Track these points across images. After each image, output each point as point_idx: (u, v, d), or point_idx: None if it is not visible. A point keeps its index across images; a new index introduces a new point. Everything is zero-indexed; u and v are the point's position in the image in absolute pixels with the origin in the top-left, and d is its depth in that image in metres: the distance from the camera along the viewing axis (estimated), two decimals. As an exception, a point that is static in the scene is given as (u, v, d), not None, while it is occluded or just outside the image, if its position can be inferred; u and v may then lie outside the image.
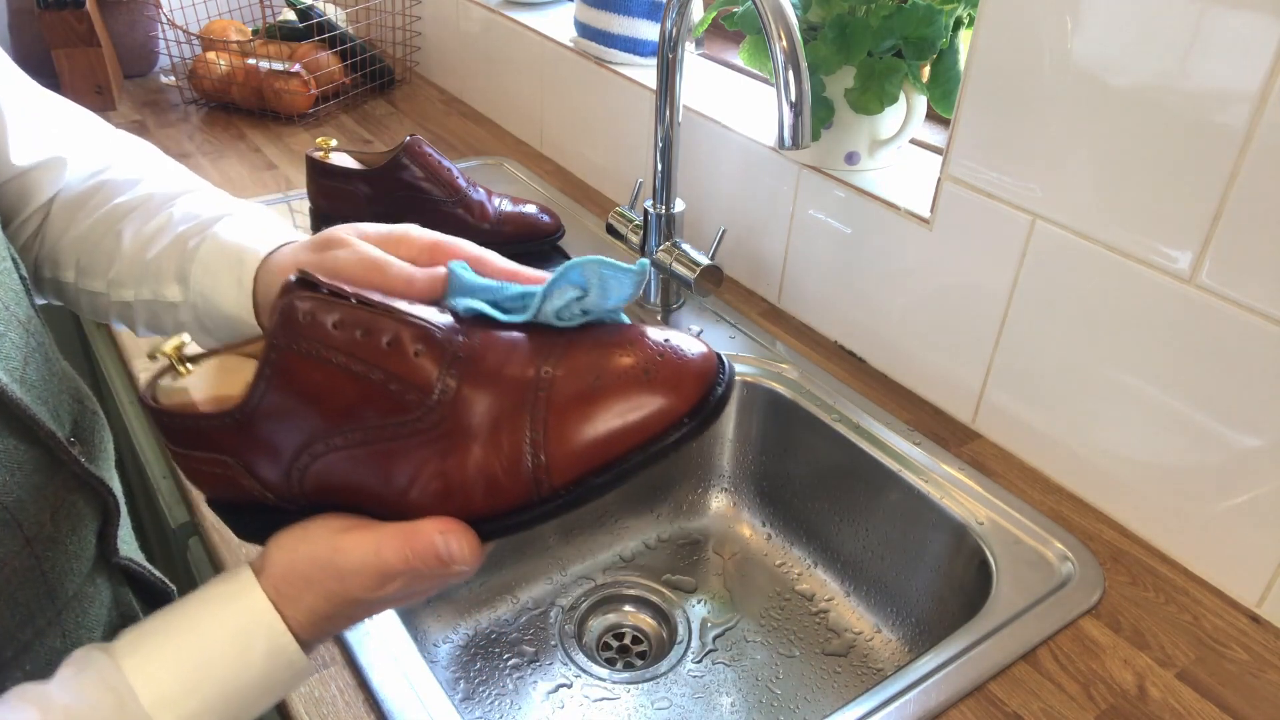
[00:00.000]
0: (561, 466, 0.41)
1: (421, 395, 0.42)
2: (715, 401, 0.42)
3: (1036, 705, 0.64)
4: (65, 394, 0.55)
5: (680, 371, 0.42)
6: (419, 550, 0.42)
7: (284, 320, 0.42)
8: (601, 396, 0.42)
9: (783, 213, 1.01)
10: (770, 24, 0.72)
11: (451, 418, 0.42)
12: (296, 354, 0.42)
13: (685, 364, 0.42)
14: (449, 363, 0.43)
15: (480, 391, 0.43)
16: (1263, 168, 0.62)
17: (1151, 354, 0.72)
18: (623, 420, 0.41)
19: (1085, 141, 0.72)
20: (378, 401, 0.42)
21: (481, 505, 0.42)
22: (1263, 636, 0.69)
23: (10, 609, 0.49)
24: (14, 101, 0.59)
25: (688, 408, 0.41)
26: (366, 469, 0.43)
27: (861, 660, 0.85)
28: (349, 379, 0.42)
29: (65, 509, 0.52)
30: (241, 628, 0.43)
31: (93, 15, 1.44)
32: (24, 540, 0.49)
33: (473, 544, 0.42)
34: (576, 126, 1.33)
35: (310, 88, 1.47)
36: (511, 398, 0.42)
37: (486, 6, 1.45)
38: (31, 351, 0.52)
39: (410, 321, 0.43)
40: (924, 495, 0.81)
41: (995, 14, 0.75)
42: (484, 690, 0.81)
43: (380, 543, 0.42)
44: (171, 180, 0.62)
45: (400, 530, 0.42)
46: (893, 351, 0.94)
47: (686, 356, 0.42)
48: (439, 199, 1.10)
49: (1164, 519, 0.75)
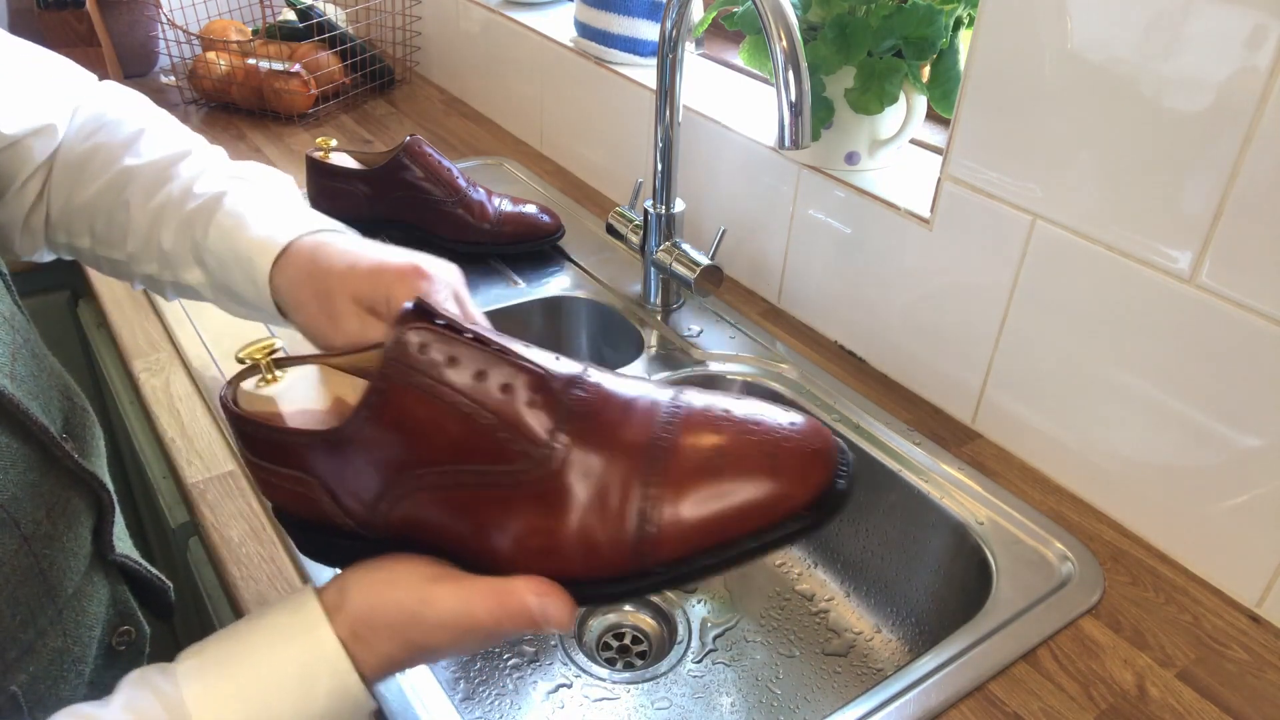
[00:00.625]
0: (670, 543, 0.39)
1: (531, 447, 0.40)
2: (838, 496, 0.40)
3: (1036, 705, 0.64)
4: (54, 390, 0.54)
5: (806, 460, 0.40)
6: (512, 611, 0.40)
7: (397, 351, 0.41)
8: (722, 476, 0.39)
9: (783, 213, 1.01)
10: (770, 24, 0.72)
11: (559, 475, 0.40)
12: (406, 386, 0.40)
13: (811, 452, 0.40)
14: (563, 417, 0.41)
15: (592, 452, 0.41)
16: (1263, 168, 0.62)
17: (1151, 354, 0.72)
18: (741, 504, 0.39)
19: (1085, 141, 0.72)
20: (483, 447, 0.40)
21: (579, 569, 0.40)
22: (1263, 636, 0.69)
23: (12, 609, 0.49)
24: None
25: (810, 499, 0.39)
26: (461, 514, 0.41)
27: (861, 660, 0.85)
28: (456, 419, 0.40)
29: (61, 506, 0.52)
30: (308, 666, 0.42)
31: (93, 15, 1.44)
32: (22, 538, 0.49)
33: (569, 609, 0.41)
34: (576, 126, 1.33)
35: (310, 88, 1.47)
36: (625, 463, 0.40)
37: (486, 6, 1.45)
38: (18, 348, 0.51)
39: (527, 368, 0.42)
40: (924, 495, 0.81)
41: (995, 14, 0.75)
42: (484, 690, 0.81)
43: (471, 599, 0.41)
44: (167, 139, 0.60)
45: (493, 589, 0.41)
46: (893, 351, 0.94)
47: (812, 443, 0.40)
48: (439, 199, 1.10)
49: (1164, 519, 0.75)
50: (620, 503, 0.40)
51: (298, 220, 0.55)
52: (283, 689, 0.41)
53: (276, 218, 0.55)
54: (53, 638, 0.51)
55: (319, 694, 0.42)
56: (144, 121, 0.62)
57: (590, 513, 0.40)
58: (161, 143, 0.60)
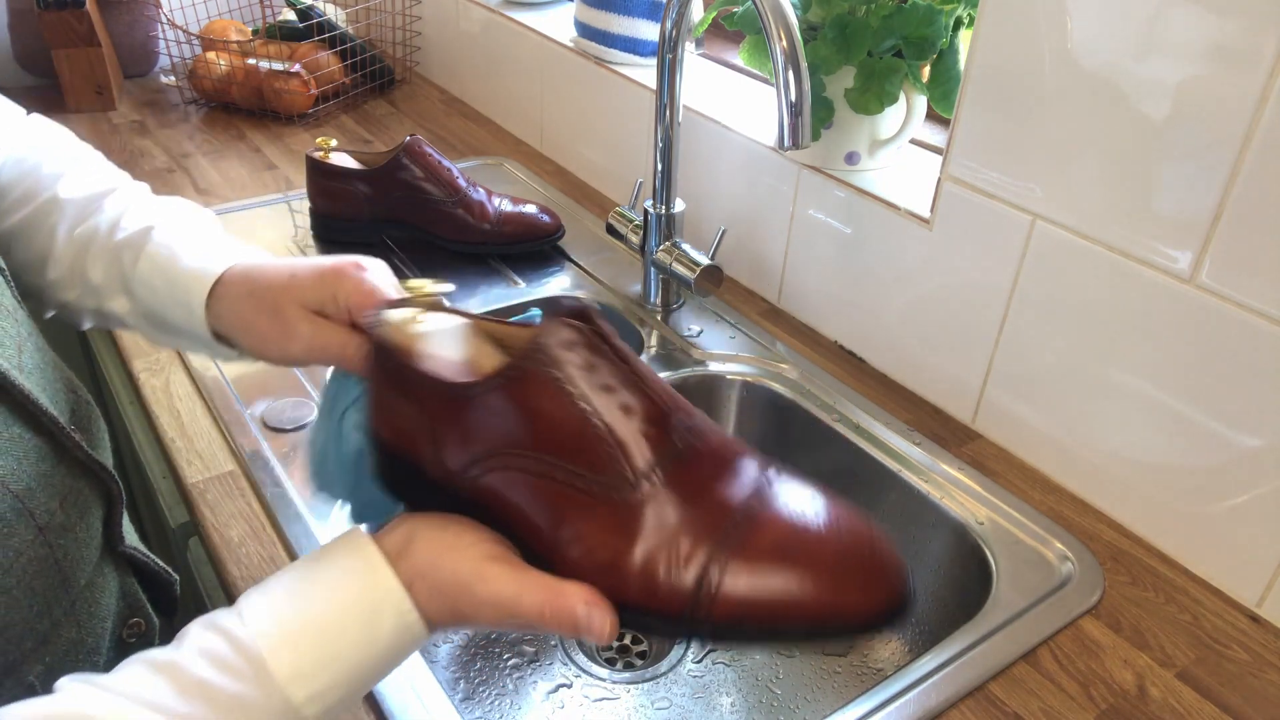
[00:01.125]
0: (728, 605, 0.41)
1: (628, 470, 0.43)
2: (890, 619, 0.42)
3: (1036, 705, 0.64)
4: (59, 382, 0.55)
5: (874, 576, 0.42)
6: (559, 612, 0.42)
7: (547, 340, 0.43)
8: (792, 562, 0.41)
9: (783, 213, 1.01)
10: (770, 24, 0.72)
11: (644, 504, 0.42)
12: (544, 371, 0.43)
13: (881, 570, 0.42)
14: (667, 455, 0.43)
15: (684, 493, 0.43)
16: (1263, 167, 0.62)
17: (1151, 354, 0.72)
18: (804, 597, 0.41)
19: (1085, 141, 0.72)
20: (588, 452, 0.43)
21: (632, 596, 0.42)
22: (1263, 636, 0.69)
23: (29, 599, 0.50)
24: None
25: (865, 613, 0.41)
26: (544, 503, 0.43)
27: (861, 660, 0.85)
28: (574, 419, 0.43)
29: (72, 496, 0.53)
30: (373, 606, 0.44)
31: (93, 15, 1.44)
32: (37, 529, 0.50)
33: (612, 624, 0.43)
34: (576, 126, 1.33)
35: (310, 88, 1.47)
36: (709, 516, 0.43)
37: (486, 6, 1.45)
38: (24, 340, 0.52)
39: (651, 397, 0.44)
40: (924, 495, 0.81)
41: (995, 14, 0.75)
42: (484, 690, 0.81)
43: (524, 589, 0.43)
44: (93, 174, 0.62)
45: (547, 587, 0.43)
46: (893, 351, 0.94)
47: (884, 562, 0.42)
48: (439, 199, 1.10)
49: (1164, 519, 0.75)
50: (689, 552, 0.42)
51: (226, 251, 0.57)
52: (350, 627, 0.43)
53: (206, 249, 0.57)
54: (67, 629, 0.52)
55: (384, 631, 0.44)
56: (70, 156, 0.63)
57: (659, 549, 0.42)
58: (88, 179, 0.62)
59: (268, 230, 1.17)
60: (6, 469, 0.48)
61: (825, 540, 0.42)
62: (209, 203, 1.22)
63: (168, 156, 1.35)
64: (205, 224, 0.60)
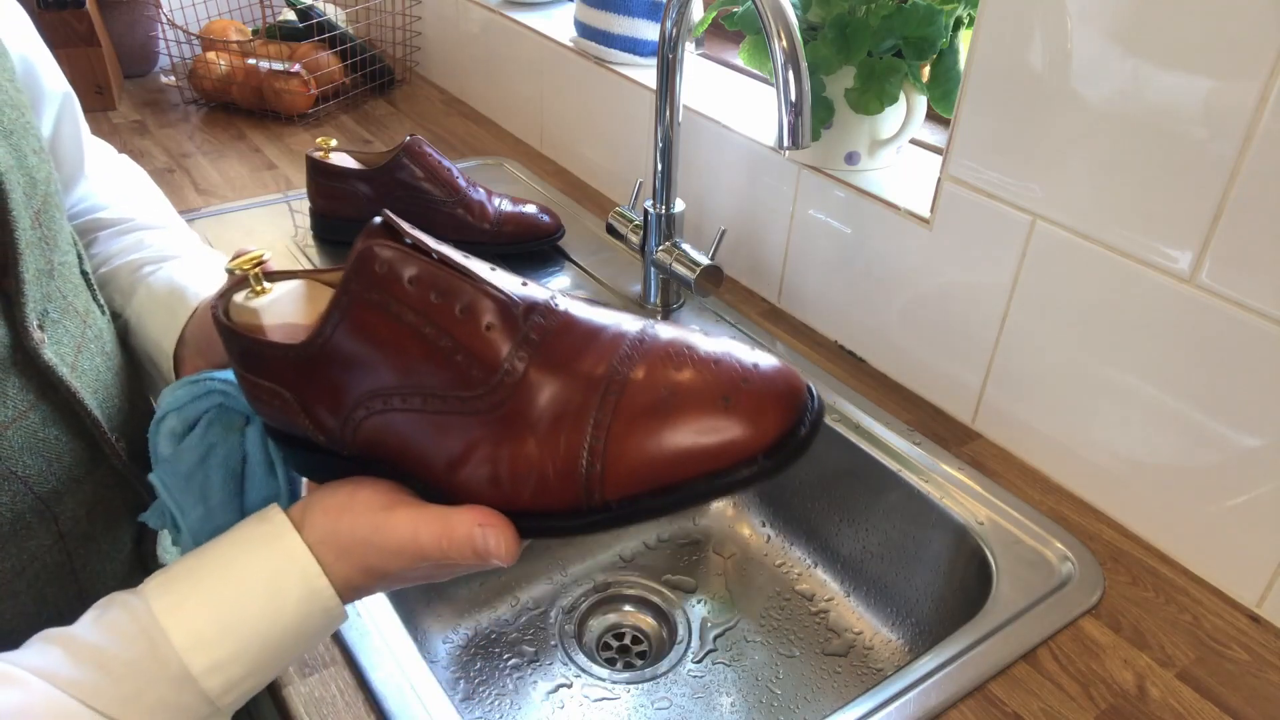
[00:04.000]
0: (617, 480, 0.38)
1: (486, 373, 0.40)
2: (797, 443, 0.38)
3: (1036, 705, 0.64)
4: (117, 387, 0.55)
5: (763, 403, 0.38)
6: (456, 541, 0.41)
7: (360, 266, 0.40)
8: (673, 414, 0.38)
9: (783, 213, 1.01)
10: (770, 24, 0.72)
11: (512, 402, 0.39)
12: (367, 304, 0.40)
13: (771, 396, 0.38)
14: (519, 343, 0.40)
15: (547, 381, 0.40)
16: (1263, 167, 0.62)
17: (1151, 354, 0.72)
18: (691, 444, 0.37)
19: (1085, 141, 0.72)
20: (442, 370, 0.40)
21: (527, 501, 0.40)
22: (1263, 636, 0.69)
23: (38, 606, 0.49)
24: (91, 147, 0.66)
25: (765, 444, 0.37)
26: (420, 436, 0.41)
27: (861, 660, 0.85)
28: (417, 340, 0.40)
29: (102, 506, 0.52)
30: (276, 571, 0.42)
31: (93, 15, 1.44)
32: (57, 534, 0.49)
33: (511, 541, 0.40)
34: (576, 126, 1.33)
35: (310, 88, 1.47)
36: (578, 395, 0.39)
37: (486, 6, 1.45)
38: (87, 342, 0.52)
39: (488, 291, 0.41)
40: (924, 495, 0.81)
41: (995, 14, 0.75)
42: (484, 690, 0.81)
43: (419, 527, 0.41)
44: (153, 220, 0.66)
45: (440, 517, 0.41)
46: (893, 351, 0.94)
47: (774, 387, 0.38)
48: (439, 199, 1.10)
49: (1164, 519, 0.75)
50: (571, 436, 0.39)
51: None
52: (252, 595, 0.41)
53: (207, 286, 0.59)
54: None
55: (290, 599, 0.42)
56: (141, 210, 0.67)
57: (541, 445, 0.39)
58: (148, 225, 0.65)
59: (268, 230, 1.17)
60: (35, 469, 0.47)
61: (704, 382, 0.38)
62: (209, 203, 1.22)
63: (168, 156, 1.35)
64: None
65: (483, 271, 0.42)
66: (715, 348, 0.41)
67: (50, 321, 0.49)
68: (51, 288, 0.49)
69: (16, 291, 0.46)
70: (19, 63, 0.55)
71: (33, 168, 0.48)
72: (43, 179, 0.49)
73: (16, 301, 0.46)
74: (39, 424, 0.48)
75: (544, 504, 0.40)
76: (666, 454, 0.38)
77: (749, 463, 0.37)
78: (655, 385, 0.39)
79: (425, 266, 0.41)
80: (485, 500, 0.41)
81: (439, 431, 0.40)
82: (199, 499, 0.49)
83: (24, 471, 0.47)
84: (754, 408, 0.38)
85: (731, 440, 0.37)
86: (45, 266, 0.49)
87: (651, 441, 0.38)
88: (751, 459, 0.37)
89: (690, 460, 0.38)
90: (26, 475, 0.47)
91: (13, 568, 0.47)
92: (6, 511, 0.46)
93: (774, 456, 0.37)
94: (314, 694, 0.62)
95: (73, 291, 0.52)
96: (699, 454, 0.38)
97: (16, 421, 0.47)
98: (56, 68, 0.61)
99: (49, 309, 0.49)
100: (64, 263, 0.51)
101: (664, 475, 0.38)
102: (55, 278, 0.50)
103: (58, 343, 0.49)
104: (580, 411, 0.39)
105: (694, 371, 0.39)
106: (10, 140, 0.47)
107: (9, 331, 0.46)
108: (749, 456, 0.37)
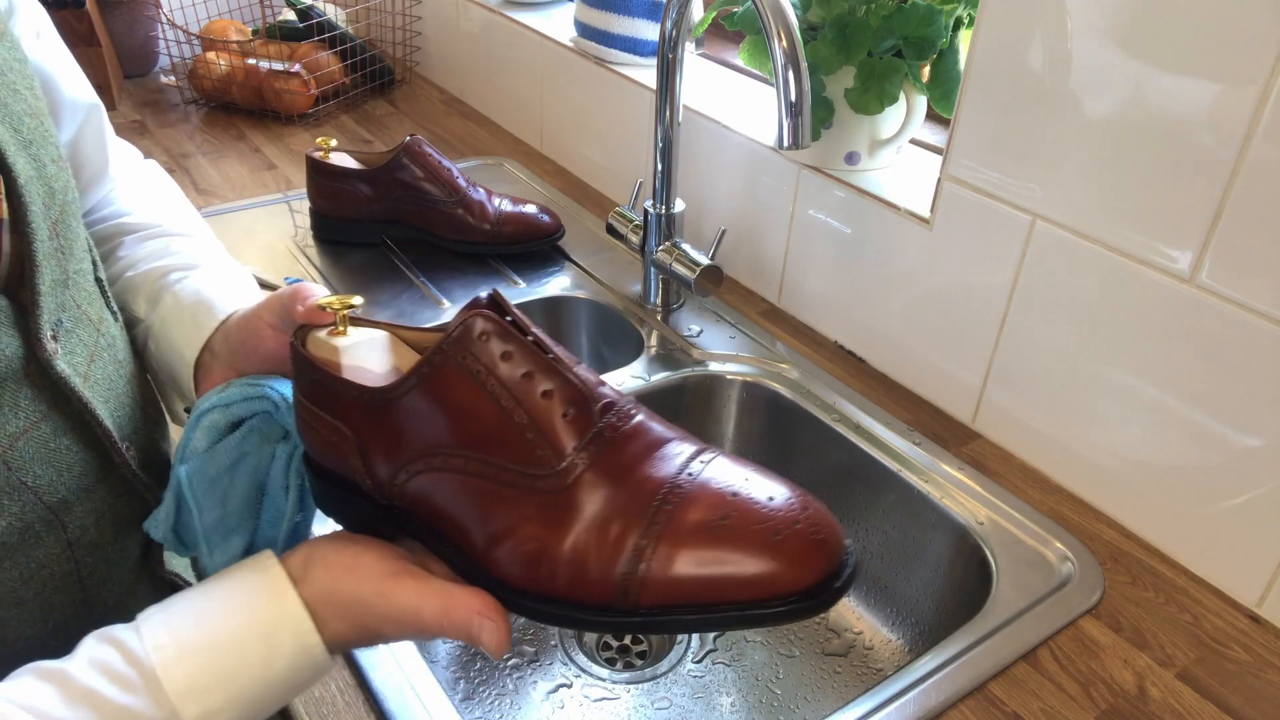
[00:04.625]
0: (656, 588, 0.40)
1: (554, 457, 0.42)
2: (832, 592, 0.40)
3: (1036, 705, 0.64)
4: (129, 396, 0.55)
5: (809, 548, 0.40)
6: (454, 623, 0.42)
7: (460, 333, 0.43)
8: (724, 539, 0.40)
9: (783, 213, 1.01)
10: (770, 24, 0.72)
11: (572, 490, 0.41)
12: (459, 365, 0.42)
13: (818, 542, 0.40)
14: (592, 437, 0.42)
15: (610, 477, 0.42)
16: (1262, 167, 0.62)
17: (1151, 354, 0.72)
18: (734, 571, 0.39)
19: (1085, 141, 0.72)
20: (512, 443, 0.42)
21: (562, 588, 0.41)
22: (1263, 636, 0.69)
23: (44, 615, 0.48)
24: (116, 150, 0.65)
25: (802, 587, 0.39)
26: (471, 501, 0.43)
27: (861, 660, 0.85)
28: (495, 411, 0.42)
29: (111, 514, 0.52)
30: (272, 625, 0.43)
31: (93, 15, 1.44)
32: (66, 543, 0.49)
33: (504, 639, 0.42)
34: (576, 126, 1.33)
35: (310, 88, 1.47)
36: (638, 497, 0.41)
37: (486, 6, 1.45)
38: (100, 350, 0.52)
39: (572, 382, 0.43)
40: (924, 495, 0.81)
41: (995, 14, 0.75)
42: (484, 690, 0.81)
43: (422, 602, 0.43)
44: (179, 226, 0.66)
45: (444, 595, 0.43)
46: (893, 351, 0.94)
47: (821, 534, 0.40)
48: (439, 199, 1.10)
49: (1164, 519, 0.75)
50: (618, 537, 0.41)
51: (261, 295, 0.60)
52: (247, 646, 0.42)
53: (244, 291, 0.60)
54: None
55: (282, 653, 0.43)
56: (167, 215, 0.67)
57: (588, 536, 0.41)
58: (174, 229, 0.65)
59: (268, 230, 1.17)
60: (45, 479, 0.47)
61: (757, 515, 0.41)
62: (209, 203, 1.22)
63: (168, 156, 1.35)
64: (251, 280, 0.63)
65: (570, 362, 0.44)
66: (773, 485, 0.43)
67: (64, 331, 0.49)
68: (66, 297, 0.49)
69: (32, 303, 0.46)
70: (38, 71, 0.54)
71: (51, 177, 0.48)
72: (60, 188, 0.49)
73: (32, 313, 0.46)
74: (50, 434, 0.47)
75: (576, 594, 0.41)
76: (709, 574, 0.40)
77: (783, 600, 0.39)
78: (712, 505, 0.41)
79: (521, 345, 0.43)
80: (517, 580, 0.42)
81: (492, 500, 0.42)
82: (219, 502, 0.50)
83: (34, 482, 0.47)
84: (800, 551, 0.39)
85: (772, 575, 0.39)
86: (61, 276, 0.48)
87: (698, 558, 0.40)
88: (786, 597, 0.39)
89: (730, 585, 0.40)
90: (37, 486, 0.47)
91: (20, 576, 0.47)
92: (16, 522, 0.46)
93: (807, 600, 0.39)
94: (314, 694, 0.62)
95: (86, 299, 0.52)
96: (740, 581, 0.39)
97: (28, 432, 0.46)
98: (81, 77, 0.61)
99: (63, 318, 0.49)
100: (79, 270, 0.51)
101: (702, 593, 0.40)
102: (70, 286, 0.50)
103: (71, 353, 0.49)
104: (635, 514, 0.41)
105: (750, 504, 0.41)
106: (30, 150, 0.47)
107: (22, 343, 0.46)
108: (784, 594, 0.39)
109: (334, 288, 1.06)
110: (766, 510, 0.41)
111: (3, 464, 0.45)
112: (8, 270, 0.46)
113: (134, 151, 0.71)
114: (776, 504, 0.41)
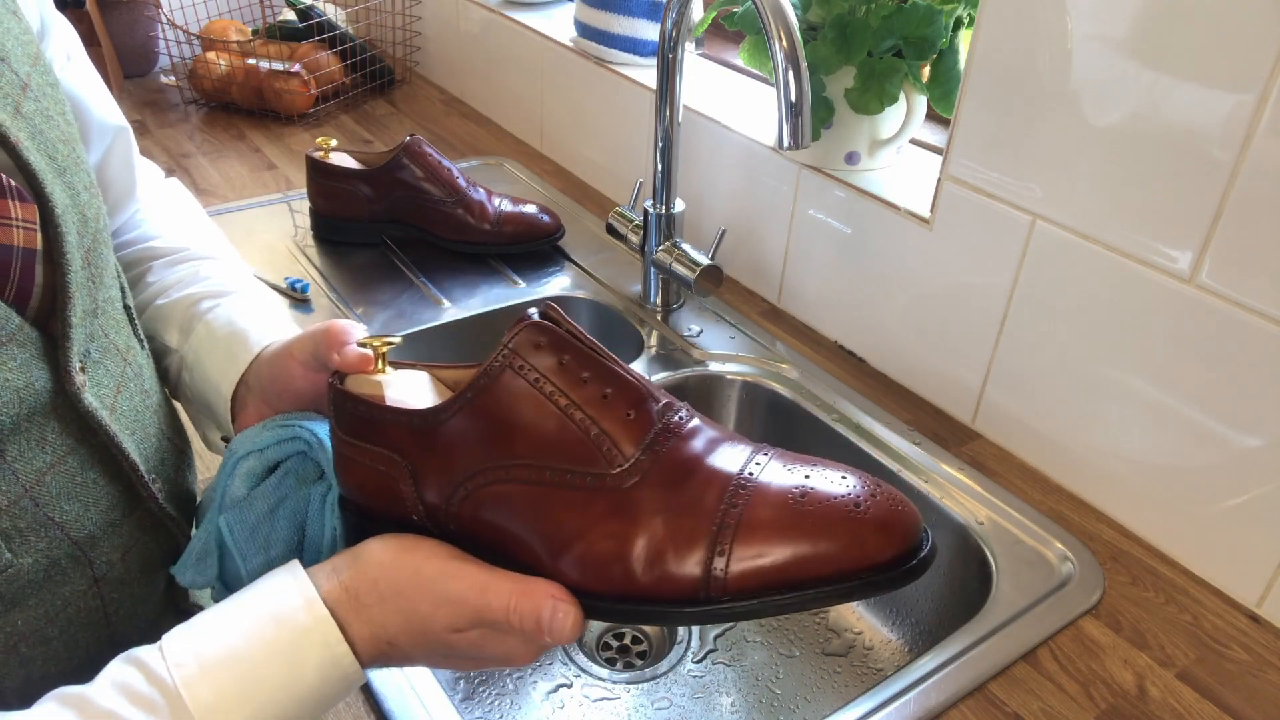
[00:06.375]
0: (740, 576, 0.40)
1: (619, 456, 0.42)
2: (920, 561, 0.40)
3: (1036, 705, 0.64)
4: (155, 427, 0.54)
5: (892, 516, 0.40)
6: (525, 607, 0.41)
7: (516, 343, 0.43)
8: (803, 516, 0.40)
9: (783, 213, 1.01)
10: (770, 24, 0.72)
11: (640, 488, 0.41)
12: (514, 375, 0.42)
13: (899, 511, 0.40)
14: (654, 438, 0.42)
15: (676, 474, 0.42)
16: (1262, 168, 0.62)
17: (1151, 354, 0.72)
18: (817, 550, 0.39)
19: (1085, 141, 0.72)
20: (577, 446, 0.42)
21: (642, 584, 0.41)
22: (1263, 636, 0.69)
23: (69, 652, 0.48)
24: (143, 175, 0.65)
25: (890, 556, 0.39)
26: (535, 512, 0.42)
27: (861, 660, 0.85)
28: (555, 415, 0.42)
29: (137, 549, 0.51)
30: (297, 639, 0.42)
31: (93, 15, 1.44)
32: (92, 579, 0.48)
33: (576, 626, 0.41)
34: (576, 126, 1.33)
35: (310, 88, 1.47)
36: (708, 491, 0.41)
37: (486, 6, 1.45)
38: (127, 381, 0.51)
39: (632, 384, 0.43)
40: (924, 495, 0.81)
41: (995, 14, 0.75)
42: (484, 690, 0.81)
43: (491, 583, 0.42)
44: (206, 249, 0.65)
45: (515, 581, 0.42)
46: (893, 351, 0.94)
47: (899, 506, 0.40)
48: (439, 199, 1.10)
49: (1164, 519, 0.75)
50: (696, 529, 0.41)
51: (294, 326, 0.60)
52: (270, 658, 0.41)
53: (278, 321, 0.60)
54: None
55: (309, 664, 0.42)
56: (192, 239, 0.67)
57: (665, 530, 0.41)
58: (200, 251, 0.65)
59: (268, 230, 1.17)
60: (71, 515, 0.46)
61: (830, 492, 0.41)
62: (209, 203, 1.22)
63: (168, 156, 1.35)
64: (283, 306, 0.63)
65: (621, 363, 0.45)
66: (840, 468, 0.43)
67: (91, 362, 0.48)
68: (95, 327, 0.48)
69: (62, 335, 0.45)
70: (69, 94, 0.54)
71: (84, 204, 0.48)
72: (93, 215, 0.49)
73: (62, 345, 0.45)
74: (77, 469, 0.47)
75: (660, 590, 0.41)
76: (793, 555, 0.39)
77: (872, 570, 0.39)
78: (785, 490, 0.41)
79: (577, 351, 0.43)
80: (600, 577, 0.42)
81: (559, 506, 0.42)
82: (262, 548, 0.50)
83: (61, 517, 0.46)
84: (883, 519, 0.39)
85: (859, 547, 0.39)
86: (91, 306, 0.48)
87: (780, 540, 0.39)
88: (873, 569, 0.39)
89: (815, 562, 0.39)
90: (64, 521, 0.46)
91: (45, 614, 0.46)
92: (42, 559, 0.45)
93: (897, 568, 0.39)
94: (314, 694, 0.62)
95: (114, 328, 0.51)
96: (825, 558, 0.39)
97: (55, 467, 0.46)
98: (110, 99, 0.61)
99: (91, 349, 0.48)
100: (108, 299, 0.51)
101: (789, 574, 0.39)
102: (99, 315, 0.49)
103: (98, 384, 0.48)
104: (710, 505, 0.41)
105: (825, 483, 0.41)
106: (64, 178, 0.46)
107: (51, 376, 0.45)
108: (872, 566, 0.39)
109: (334, 287, 1.06)
110: (841, 488, 0.41)
111: (30, 500, 0.44)
112: (39, 301, 0.45)
113: (156, 170, 0.71)
114: (850, 482, 0.41)
